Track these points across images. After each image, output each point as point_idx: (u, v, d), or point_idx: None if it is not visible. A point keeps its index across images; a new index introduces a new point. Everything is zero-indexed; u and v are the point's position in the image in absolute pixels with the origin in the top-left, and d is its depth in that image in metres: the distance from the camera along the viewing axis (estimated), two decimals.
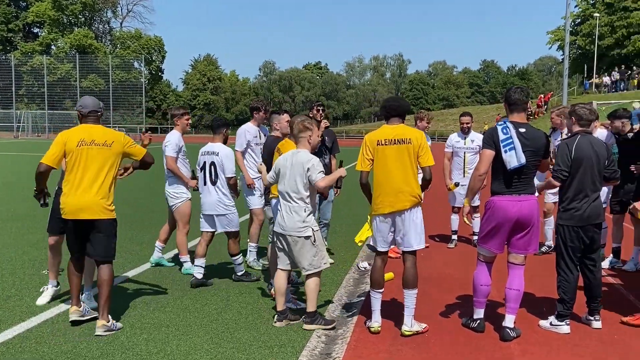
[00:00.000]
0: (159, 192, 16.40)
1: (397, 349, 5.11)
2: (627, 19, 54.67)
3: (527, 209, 5.27)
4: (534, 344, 5.22)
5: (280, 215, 5.64)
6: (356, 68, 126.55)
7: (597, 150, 5.54)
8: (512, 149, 5.21)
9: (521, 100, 5.41)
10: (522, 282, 5.44)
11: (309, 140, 5.71)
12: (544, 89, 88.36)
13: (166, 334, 5.39)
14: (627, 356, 4.98)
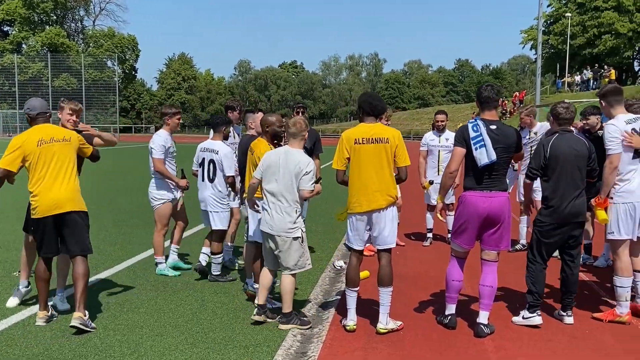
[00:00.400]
0: (131, 192, 16.29)
1: (373, 346, 5.13)
2: (598, 18, 55.49)
3: (497, 205, 5.33)
4: (507, 340, 5.28)
5: (269, 215, 5.56)
6: (332, 67, 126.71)
7: (576, 148, 5.61)
8: (482, 146, 5.27)
9: (492, 98, 5.46)
10: (496, 279, 5.49)
11: (304, 140, 5.69)
12: (518, 87, 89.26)
13: (140, 335, 5.34)
14: (598, 351, 5.06)
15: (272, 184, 5.55)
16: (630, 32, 54.13)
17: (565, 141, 5.63)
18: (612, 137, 5.59)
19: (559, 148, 5.59)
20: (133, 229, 10.60)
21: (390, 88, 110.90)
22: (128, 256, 8.41)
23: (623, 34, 54.22)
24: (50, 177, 5.42)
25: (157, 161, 7.31)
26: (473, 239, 5.48)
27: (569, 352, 5.02)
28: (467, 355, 4.94)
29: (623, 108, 5.84)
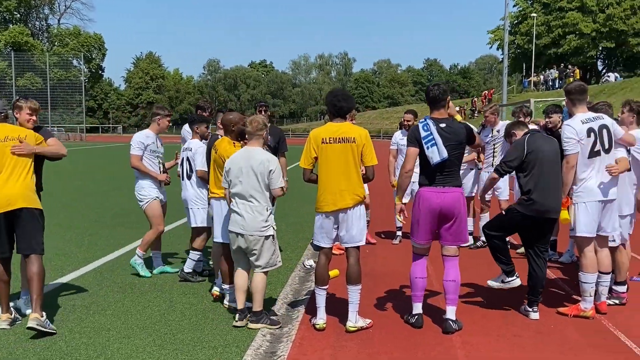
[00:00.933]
0: (98, 192, 16.08)
1: (342, 345, 5.14)
2: (563, 18, 56.45)
3: (450, 201, 5.41)
4: (474, 336, 5.34)
5: (240, 216, 5.52)
6: (302, 66, 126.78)
7: (551, 144, 5.82)
8: (433, 145, 5.36)
9: (439, 97, 5.54)
10: (458, 273, 5.58)
11: (264, 138, 5.68)
12: (485, 87, 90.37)
13: (107, 337, 5.27)
14: (563, 345, 5.15)
15: (238, 186, 5.52)
16: (593, 32, 55.20)
17: (540, 138, 5.81)
18: (568, 138, 5.70)
19: (536, 143, 5.75)
20: (100, 230, 10.47)
21: (360, 87, 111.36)
22: (95, 258, 8.30)
23: (587, 34, 55.27)
24: (3, 175, 5.35)
25: (133, 157, 7.25)
26: (429, 234, 5.54)
27: (535, 347, 5.10)
28: (435, 352, 4.99)
29: (585, 107, 5.92)
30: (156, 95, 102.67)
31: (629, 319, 5.78)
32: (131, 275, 7.34)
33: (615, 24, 54.01)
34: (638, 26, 54.15)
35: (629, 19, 54.04)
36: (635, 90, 30.76)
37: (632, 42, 54.61)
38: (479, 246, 8.93)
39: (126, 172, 22.67)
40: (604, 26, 54.71)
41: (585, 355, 4.93)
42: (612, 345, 5.13)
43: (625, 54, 57.18)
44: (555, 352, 5.00)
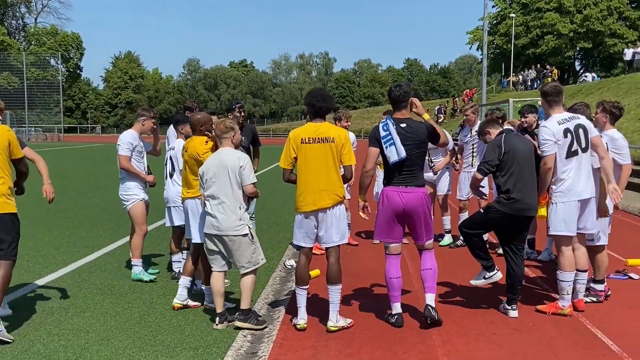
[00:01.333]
0: (76, 193, 15.91)
1: (323, 344, 5.15)
2: (541, 19, 56.99)
3: (412, 200, 5.47)
4: (454, 335, 5.37)
5: (214, 217, 5.50)
6: (282, 66, 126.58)
7: (525, 144, 5.88)
8: (391, 145, 5.42)
9: (401, 98, 5.59)
10: (434, 262, 5.67)
11: (232, 140, 5.66)
12: (465, 86, 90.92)
13: (86, 339, 5.22)
14: (541, 342, 5.20)
15: (212, 188, 5.51)
16: (571, 32, 55.81)
17: (515, 137, 5.87)
18: (545, 139, 5.75)
19: (513, 143, 5.80)
20: (78, 232, 10.36)
21: (341, 87, 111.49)
22: (73, 259, 8.22)
23: (564, 35, 55.86)
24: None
25: (123, 158, 7.12)
26: (393, 232, 5.60)
27: (513, 345, 5.15)
28: (416, 351, 5.01)
29: (560, 108, 5.96)
30: (135, 95, 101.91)
31: (606, 316, 5.86)
32: (110, 277, 7.29)
33: (592, 24, 54.67)
34: (614, 27, 54.87)
35: (606, 20, 54.73)
36: (611, 90, 31.11)
37: (608, 43, 55.29)
38: (459, 245, 8.99)
39: (104, 173, 22.52)
40: (581, 27, 55.36)
41: (563, 352, 4.98)
42: (590, 342, 5.19)
43: (602, 54, 57.87)
44: (534, 349, 5.04)
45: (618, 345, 5.08)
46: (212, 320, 5.67)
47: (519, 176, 5.75)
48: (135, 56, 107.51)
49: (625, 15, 55.83)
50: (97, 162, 29.88)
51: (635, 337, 5.29)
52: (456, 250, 8.88)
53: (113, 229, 10.49)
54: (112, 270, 7.66)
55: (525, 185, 5.75)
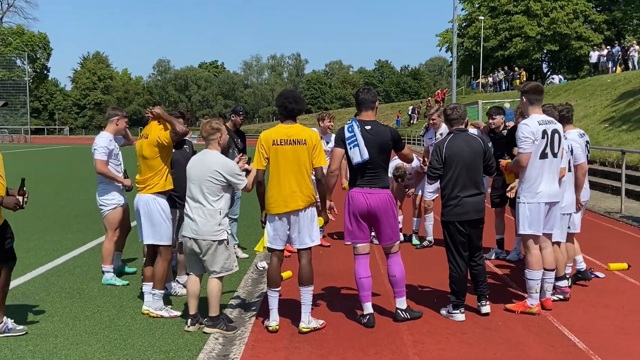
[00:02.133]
0: (43, 196, 15.65)
1: (295, 346, 5.15)
2: (509, 22, 57.72)
3: (376, 202, 5.53)
4: (425, 334, 5.43)
5: (192, 220, 5.44)
6: (254, 67, 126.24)
7: (471, 146, 5.84)
8: (355, 146, 5.50)
9: (367, 100, 5.68)
10: (401, 268, 5.72)
11: (219, 141, 5.59)
12: (435, 88, 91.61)
13: (54, 344, 5.15)
14: (510, 341, 5.28)
15: (194, 189, 5.46)
16: (538, 35, 56.62)
17: (459, 140, 5.86)
18: (524, 137, 5.81)
19: (454, 147, 5.81)
20: (46, 235, 10.21)
21: (312, 88, 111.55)
22: (41, 263, 8.10)
23: (532, 37, 56.65)
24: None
25: (99, 162, 6.97)
26: (360, 233, 5.65)
27: (483, 343, 5.22)
28: (387, 351, 5.04)
29: (540, 108, 6.04)
30: (104, 95, 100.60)
31: (572, 314, 5.97)
32: (79, 280, 7.20)
33: (558, 27, 55.55)
34: (580, 30, 55.83)
35: (572, 23, 55.65)
36: (578, 92, 31.69)
37: (574, 45, 56.23)
38: (425, 246, 9.08)
39: (72, 175, 22.20)
40: (548, 29, 56.21)
41: (532, 350, 5.07)
42: (557, 340, 5.29)
43: (568, 56, 58.83)
44: (503, 348, 5.12)
45: (584, 343, 5.18)
46: (185, 323, 5.62)
47: (457, 181, 5.77)
48: (104, 57, 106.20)
49: (591, 19, 56.86)
50: (65, 164, 29.43)
51: (600, 334, 5.41)
52: (425, 250, 8.96)
53: (82, 232, 10.36)
54: (81, 273, 7.56)
55: (464, 189, 5.77)
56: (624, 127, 20.80)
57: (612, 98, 26.45)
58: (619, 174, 13.26)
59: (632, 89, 25.82)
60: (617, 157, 16.57)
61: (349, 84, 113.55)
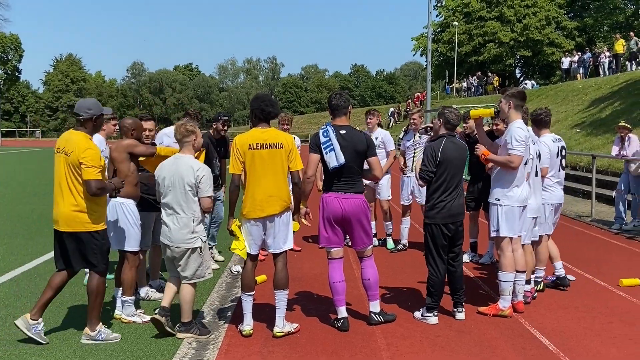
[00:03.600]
0: (13, 200, 15.40)
1: (269, 350, 5.14)
2: (483, 27, 58.35)
3: (350, 206, 5.57)
4: (399, 338, 5.46)
5: (167, 227, 5.38)
6: (229, 70, 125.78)
7: (460, 151, 5.93)
8: (331, 151, 5.52)
9: (341, 105, 5.72)
10: (375, 271, 5.76)
11: (193, 144, 5.52)
12: (411, 92, 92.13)
13: (24, 350, 5.08)
14: (482, 343, 5.33)
15: (168, 196, 5.38)
16: (511, 41, 57.33)
17: (453, 145, 5.92)
18: (521, 140, 5.81)
19: (448, 151, 5.85)
20: (15, 240, 10.04)
21: (288, 92, 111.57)
22: (11, 267, 7.97)
23: (505, 43, 57.34)
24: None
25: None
26: (334, 237, 5.67)
27: (456, 346, 5.26)
28: (361, 355, 5.06)
29: (520, 115, 6.08)
30: (77, 98, 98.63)
31: (543, 317, 6.05)
32: None
33: (531, 33, 56.29)
34: (552, 36, 56.64)
35: (544, 29, 56.44)
36: (550, 97, 32.14)
37: (547, 51, 57.02)
38: (400, 249, 9.13)
39: (43, 178, 21.85)
40: (521, 35, 56.92)
41: (504, 352, 5.12)
42: (529, 342, 5.36)
43: (540, 62, 59.63)
44: (475, 350, 5.17)
45: (555, 345, 5.26)
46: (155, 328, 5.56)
47: (447, 186, 5.83)
48: (77, 59, 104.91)
49: (563, 25, 57.73)
50: (36, 167, 28.98)
51: (570, 336, 5.49)
52: (400, 253, 9.01)
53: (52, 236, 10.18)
54: None
55: (451, 194, 5.84)
56: (594, 131, 21.15)
57: (583, 103, 26.88)
58: (590, 179, 13.48)
59: (602, 95, 26.28)
60: (588, 162, 16.85)
61: (325, 88, 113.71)
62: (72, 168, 5.14)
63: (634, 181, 10.87)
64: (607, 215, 12.45)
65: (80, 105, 5.34)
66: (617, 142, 11.36)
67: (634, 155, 10.83)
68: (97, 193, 5.14)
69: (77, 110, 5.31)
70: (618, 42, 31.28)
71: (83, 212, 5.18)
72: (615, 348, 5.22)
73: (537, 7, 56.57)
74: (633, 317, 6.04)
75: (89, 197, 5.16)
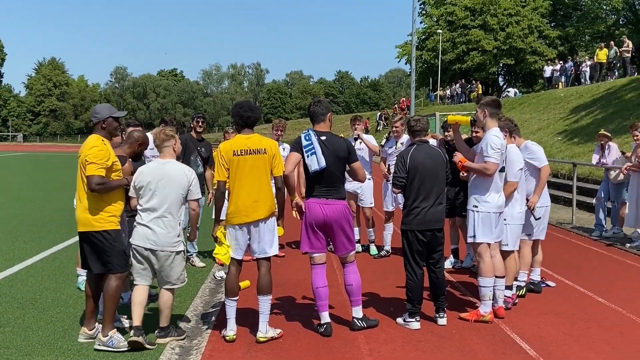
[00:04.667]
0: None
1: (252, 355, 5.16)
2: (467, 36, 58.81)
3: (332, 212, 5.63)
4: (381, 343, 5.50)
5: (150, 230, 5.32)
6: (213, 76, 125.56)
7: (433, 157, 5.98)
8: (313, 154, 5.60)
9: (319, 112, 5.81)
10: (357, 276, 5.82)
11: (174, 148, 5.57)
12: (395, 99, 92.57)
13: (6, 355, 5.05)
14: (463, 348, 5.39)
15: (153, 200, 5.35)
16: (495, 49, 57.84)
17: (422, 151, 6.00)
18: (497, 147, 5.92)
19: (417, 158, 5.95)
20: None
21: (273, 98, 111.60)
22: None
23: (488, 51, 57.83)
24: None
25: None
26: (316, 243, 5.72)
27: (437, 351, 5.32)
28: (344, 359, 5.10)
29: (496, 122, 6.21)
30: (60, 102, 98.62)
31: (523, 322, 6.13)
32: (32, 290, 7.06)
33: (514, 42, 56.83)
34: (535, 45, 57.25)
35: (527, 38, 57.03)
36: (532, 105, 32.47)
37: (529, 60, 57.59)
38: (383, 255, 9.19)
39: (25, 183, 21.66)
40: (504, 44, 57.44)
41: (485, 357, 5.19)
42: (509, 347, 5.43)
43: (523, 70, 60.21)
44: (457, 355, 5.23)
45: (535, 350, 5.33)
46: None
47: (419, 191, 5.90)
48: (59, 63, 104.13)
49: (545, 34, 58.36)
50: (17, 171, 28.71)
51: (550, 342, 5.57)
52: (383, 259, 9.06)
53: (35, 241, 10.14)
54: (34, 283, 7.41)
55: (426, 200, 5.90)
56: (575, 139, 21.40)
57: (565, 112, 27.18)
58: (571, 186, 13.64)
59: (583, 103, 26.61)
60: (569, 170, 17.03)
61: (309, 94, 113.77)
62: (82, 168, 5.29)
63: (614, 189, 11.01)
64: (588, 222, 12.60)
65: (92, 110, 5.57)
66: (598, 150, 11.52)
67: (614, 163, 10.98)
68: (95, 189, 5.16)
69: (90, 115, 5.55)
70: (602, 51, 31.63)
71: (93, 212, 5.25)
72: (594, 353, 5.31)
73: (520, 16, 57.16)
74: (611, 323, 6.14)
75: (98, 197, 5.24)
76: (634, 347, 5.46)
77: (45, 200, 16.03)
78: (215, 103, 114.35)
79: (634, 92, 23.86)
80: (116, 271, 5.34)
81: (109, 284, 5.31)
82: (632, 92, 23.98)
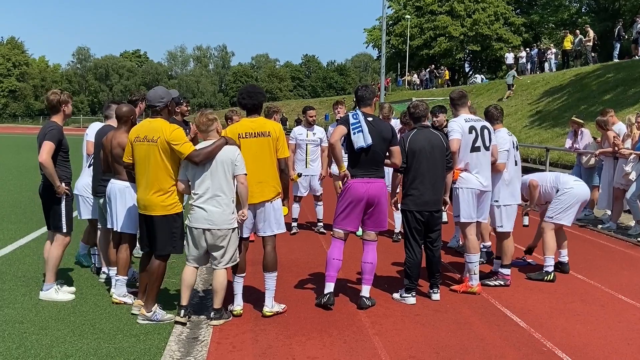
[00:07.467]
0: None
1: (261, 328, 5.40)
2: (434, 21, 59.40)
3: (374, 190, 5.94)
4: (382, 317, 5.80)
5: (204, 211, 5.34)
6: (178, 58, 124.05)
7: (432, 141, 6.27)
8: (360, 132, 5.88)
9: (366, 97, 6.13)
10: (375, 256, 6.12)
11: (217, 130, 5.57)
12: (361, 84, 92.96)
13: (21, 330, 5.19)
14: (459, 321, 5.73)
15: (207, 181, 5.36)
16: (461, 35, 58.55)
17: (422, 135, 6.31)
18: (452, 129, 6.55)
19: (417, 142, 6.24)
20: None
21: (239, 81, 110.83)
22: None
23: (455, 37, 58.54)
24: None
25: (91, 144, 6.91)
26: (351, 222, 6.01)
27: (435, 323, 5.64)
28: (349, 332, 5.38)
29: (466, 109, 6.82)
30: (19, 83, 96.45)
31: (511, 297, 6.50)
32: (31, 269, 7.15)
33: (480, 28, 57.64)
34: (501, 32, 58.14)
35: (493, 25, 57.88)
36: (500, 91, 33.13)
37: (495, 47, 58.52)
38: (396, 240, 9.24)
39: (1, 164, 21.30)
40: (470, 30, 58.20)
41: (480, 329, 5.53)
42: (501, 319, 5.79)
43: (489, 57, 61.15)
44: (454, 327, 5.56)
45: (525, 322, 5.70)
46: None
47: (416, 173, 6.21)
48: (19, 42, 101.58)
49: (511, 21, 59.29)
50: None
51: (537, 314, 5.95)
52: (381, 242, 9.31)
53: (22, 222, 10.15)
54: (31, 262, 7.48)
55: (423, 181, 6.20)
56: (543, 125, 22.04)
57: (532, 98, 27.87)
58: (543, 170, 14.13)
59: (550, 89, 27.31)
60: (539, 154, 17.59)
61: (276, 78, 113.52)
62: (161, 152, 5.40)
63: (585, 173, 11.50)
64: None
65: (153, 96, 5.60)
66: (571, 135, 12.00)
67: (585, 148, 11.47)
68: (202, 160, 5.34)
69: (152, 102, 5.58)
70: (567, 38, 32.35)
71: (171, 195, 5.49)
72: (580, 324, 5.70)
73: (487, 3, 57.94)
74: (592, 298, 6.55)
75: (172, 181, 5.47)
76: (615, 319, 5.87)
77: (21, 182, 15.88)
78: (181, 85, 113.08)
79: (599, 79, 24.61)
80: (178, 251, 5.62)
81: (154, 264, 5.53)
82: (596, 80, 24.73)
